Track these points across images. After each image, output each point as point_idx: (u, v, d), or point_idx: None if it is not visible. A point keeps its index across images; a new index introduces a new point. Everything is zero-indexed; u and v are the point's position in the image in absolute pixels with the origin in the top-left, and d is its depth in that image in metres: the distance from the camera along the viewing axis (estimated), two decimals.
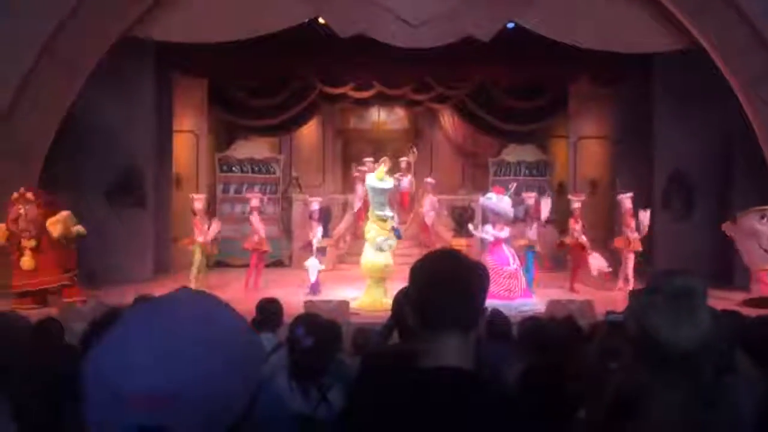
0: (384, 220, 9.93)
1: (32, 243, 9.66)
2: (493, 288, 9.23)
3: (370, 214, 10.29)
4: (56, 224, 9.70)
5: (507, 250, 10.15)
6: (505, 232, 10.22)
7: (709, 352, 1.64)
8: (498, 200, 10.37)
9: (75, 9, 10.31)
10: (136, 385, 0.73)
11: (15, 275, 9.68)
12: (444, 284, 1.55)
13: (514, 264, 10.03)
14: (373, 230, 10.02)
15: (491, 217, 10.51)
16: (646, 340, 1.68)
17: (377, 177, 10.07)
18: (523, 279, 10.11)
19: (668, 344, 1.63)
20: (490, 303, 1.88)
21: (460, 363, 1.50)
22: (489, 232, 10.30)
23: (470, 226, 11.38)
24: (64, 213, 9.82)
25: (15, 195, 9.71)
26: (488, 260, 9.86)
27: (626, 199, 11.39)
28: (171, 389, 0.72)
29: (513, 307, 8.74)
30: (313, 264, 11.00)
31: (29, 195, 9.75)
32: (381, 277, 9.95)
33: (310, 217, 11.49)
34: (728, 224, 10.89)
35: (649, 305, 1.69)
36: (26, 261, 9.65)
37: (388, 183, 10.15)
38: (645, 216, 11.15)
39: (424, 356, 1.55)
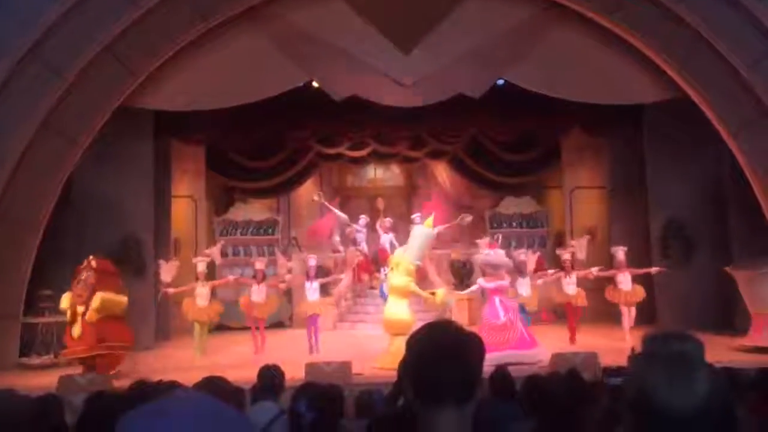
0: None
1: (82, 309, 9.53)
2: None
3: (402, 263, 9.86)
4: (98, 299, 9.49)
5: (498, 303, 10.01)
6: (495, 284, 10.15)
7: (708, 417, 1.64)
8: (495, 254, 10.43)
9: (72, 83, 10.50)
10: None
11: (67, 341, 9.59)
12: (439, 358, 1.56)
13: (504, 317, 9.87)
14: (407, 280, 9.73)
15: (489, 270, 10.43)
16: (645, 406, 1.68)
17: (427, 225, 10.04)
18: (521, 330, 9.96)
19: (667, 410, 1.63)
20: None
21: None
22: (477, 283, 10.46)
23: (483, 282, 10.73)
24: (105, 296, 9.64)
25: (84, 263, 9.70)
26: (482, 314, 10.03)
27: (619, 251, 11.43)
28: None
29: (510, 356, 8.77)
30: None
31: (93, 263, 9.74)
32: (403, 334, 9.58)
33: (307, 275, 11.47)
34: (731, 267, 10.94)
35: (646, 371, 1.70)
36: (75, 328, 9.50)
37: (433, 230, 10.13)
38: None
39: (423, 426, 1.55)
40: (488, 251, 10.61)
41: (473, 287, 10.83)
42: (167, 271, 11.11)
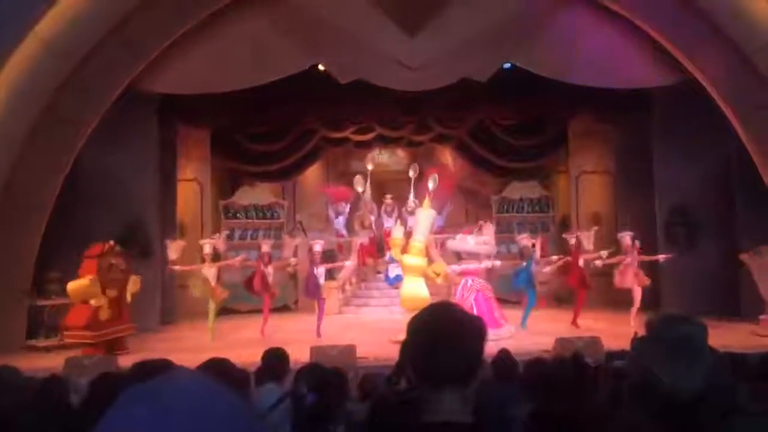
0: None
1: (114, 293, 10.14)
2: None
3: (414, 245, 10.44)
4: (137, 282, 10.48)
5: (462, 284, 10.71)
6: (461, 267, 10.84)
7: (711, 399, 1.64)
8: (460, 240, 11.03)
9: (78, 66, 10.47)
10: None
11: (93, 325, 9.81)
12: (439, 340, 1.56)
13: (458, 295, 10.57)
14: (422, 259, 10.33)
15: (463, 255, 11.10)
16: (648, 389, 1.68)
17: (425, 207, 10.82)
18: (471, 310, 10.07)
19: (669, 392, 1.63)
20: None
21: (459, 417, 1.50)
22: (451, 268, 10.97)
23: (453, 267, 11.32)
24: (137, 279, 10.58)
25: (107, 247, 10.14)
26: None
27: (626, 237, 11.39)
28: None
29: None
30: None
31: (118, 248, 10.35)
32: None
33: (312, 261, 11.43)
34: (747, 255, 10.84)
35: (650, 354, 1.69)
36: (106, 311, 10.00)
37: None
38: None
39: (425, 409, 1.55)
40: (457, 237, 11.01)
41: (447, 269, 11.08)
42: (174, 249, 11.34)
